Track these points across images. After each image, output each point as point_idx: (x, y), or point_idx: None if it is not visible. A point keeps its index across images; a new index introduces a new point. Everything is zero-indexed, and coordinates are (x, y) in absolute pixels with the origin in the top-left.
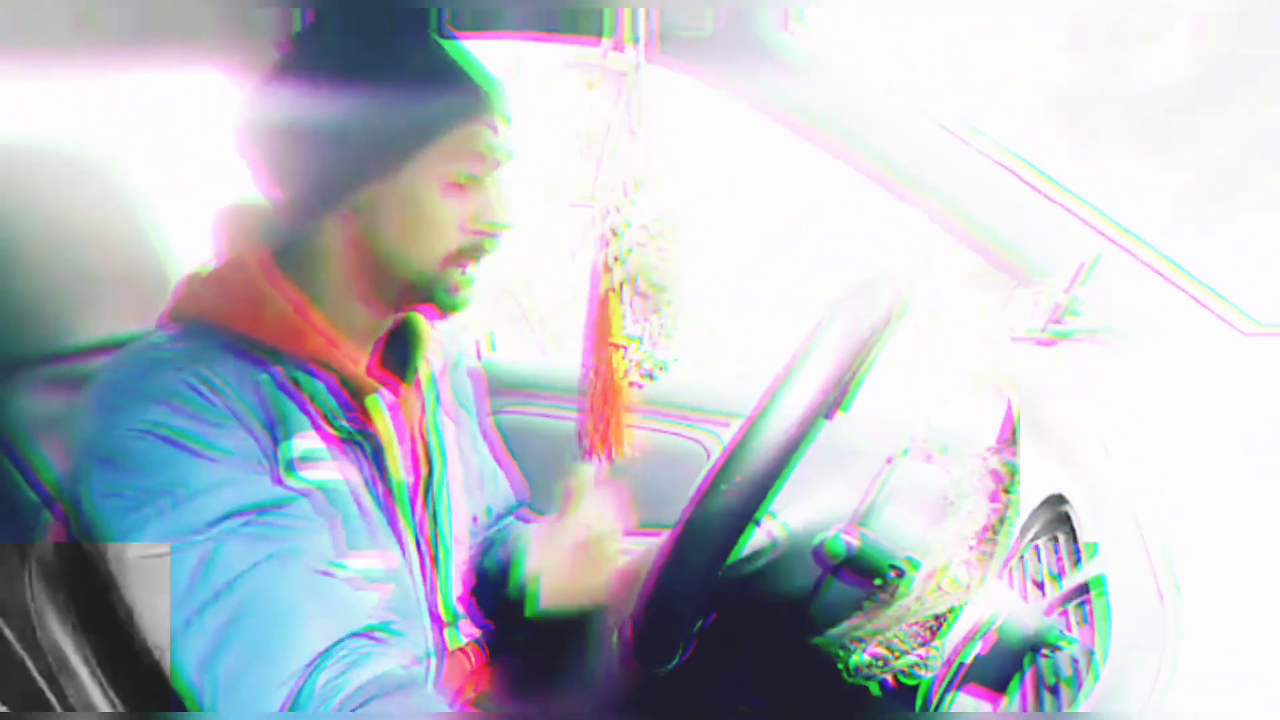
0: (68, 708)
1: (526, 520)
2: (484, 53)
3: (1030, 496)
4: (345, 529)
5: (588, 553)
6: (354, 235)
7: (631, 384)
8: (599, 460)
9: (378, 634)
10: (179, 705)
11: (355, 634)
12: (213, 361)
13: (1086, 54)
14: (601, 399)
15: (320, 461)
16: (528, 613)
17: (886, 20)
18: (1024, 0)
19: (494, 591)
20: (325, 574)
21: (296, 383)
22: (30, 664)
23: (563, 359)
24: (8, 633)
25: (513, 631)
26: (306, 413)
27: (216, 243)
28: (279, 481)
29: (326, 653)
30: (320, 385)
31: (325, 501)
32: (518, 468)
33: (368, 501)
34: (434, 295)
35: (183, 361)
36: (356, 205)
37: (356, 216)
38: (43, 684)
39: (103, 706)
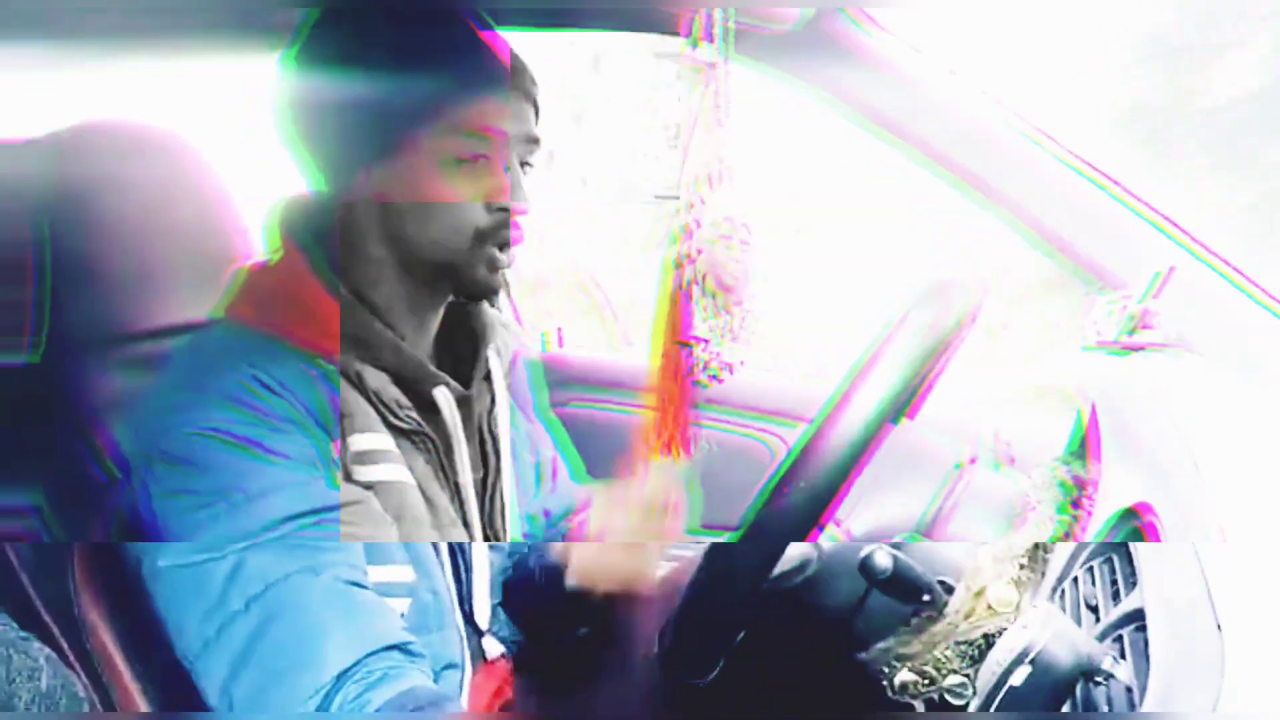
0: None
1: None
2: (523, 40)
3: (1104, 510)
4: (407, 525)
5: (645, 519)
6: (380, 219)
7: (696, 383)
8: (666, 457)
9: (399, 653)
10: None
11: (376, 652)
12: (273, 358)
13: (1160, 68)
14: (667, 397)
15: (384, 459)
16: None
17: (964, 28)
18: (1099, 14)
19: (533, 598)
20: (358, 585)
21: (359, 377)
22: (76, 666)
23: (631, 354)
24: (55, 630)
25: (549, 639)
26: (370, 408)
27: (268, 237)
28: (340, 480)
29: (349, 669)
30: (380, 378)
31: (384, 500)
32: (584, 465)
33: (431, 500)
34: (468, 277)
35: (243, 359)
36: (372, 187)
37: (377, 200)
38: (86, 683)
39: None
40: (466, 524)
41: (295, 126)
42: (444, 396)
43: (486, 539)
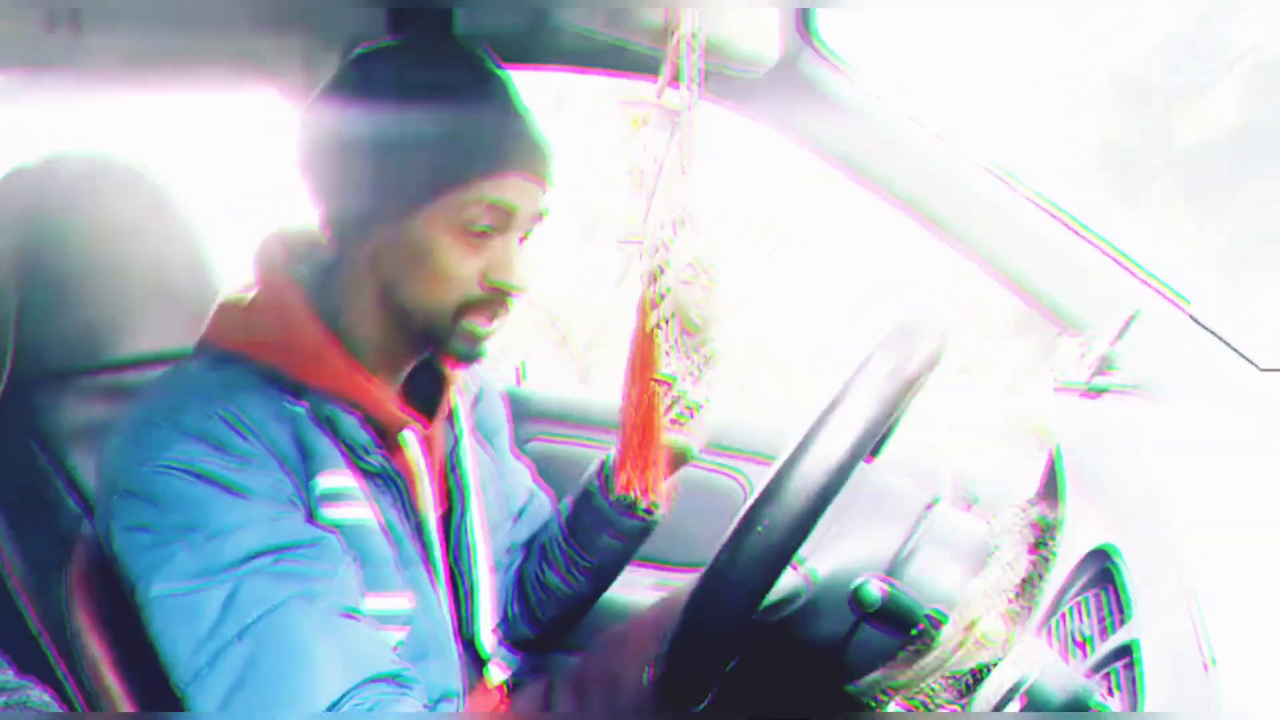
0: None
1: None
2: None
3: (1072, 551)
4: (371, 567)
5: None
6: (375, 272)
7: (672, 423)
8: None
9: (393, 681)
10: None
11: (370, 680)
12: (244, 395)
13: (1134, 108)
14: (639, 433)
15: (349, 499)
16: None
17: (933, 68)
18: (1073, 54)
19: (527, 622)
20: (348, 616)
21: (329, 419)
22: (69, 679)
23: (594, 390)
24: (44, 641)
25: (544, 663)
26: (337, 449)
27: (254, 270)
28: (309, 519)
29: (339, 700)
30: (350, 421)
31: (349, 540)
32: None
33: (395, 538)
34: (448, 346)
35: (214, 395)
36: (380, 237)
37: (375, 256)
38: (78, 699)
39: None
40: (431, 562)
41: (315, 167)
42: (410, 438)
43: (453, 576)
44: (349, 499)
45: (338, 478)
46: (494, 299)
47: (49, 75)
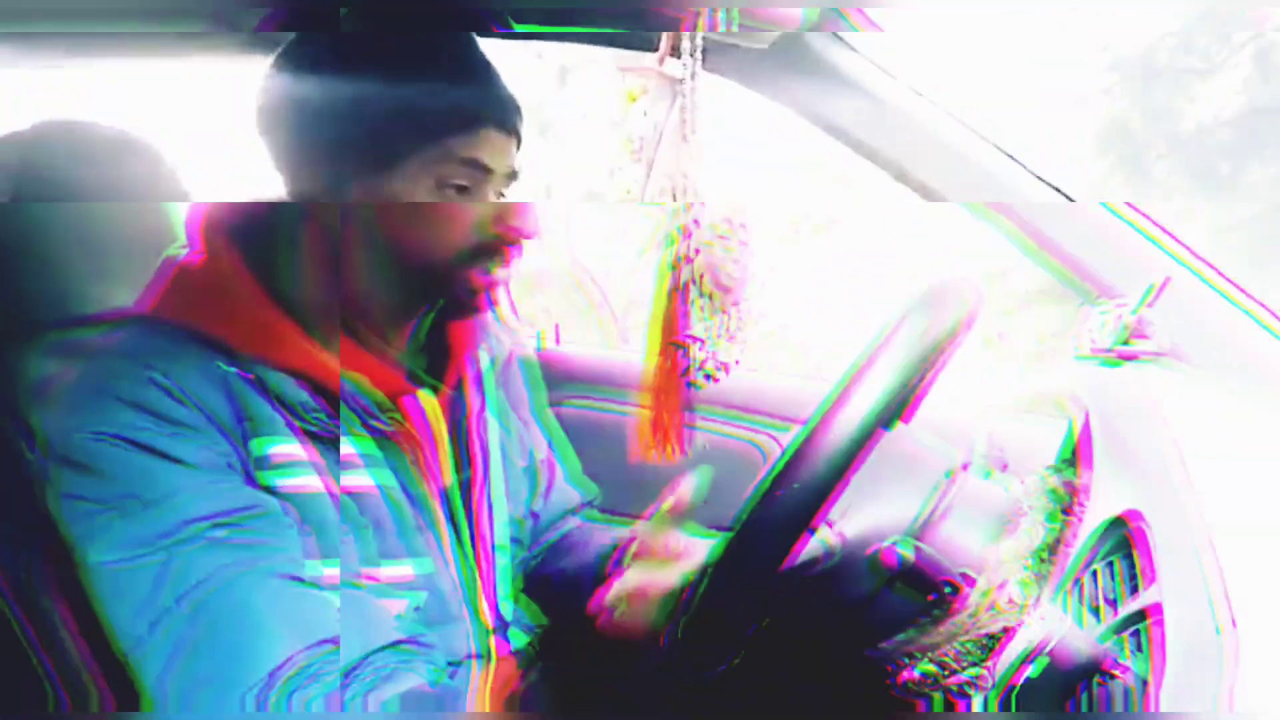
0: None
1: (589, 522)
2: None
3: (1093, 518)
4: (377, 535)
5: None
6: (372, 226)
7: (689, 384)
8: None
9: (405, 648)
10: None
11: (308, 648)
12: (179, 360)
13: (1141, 90)
14: (659, 397)
15: (290, 463)
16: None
17: (947, 49)
18: (1082, 36)
19: (549, 597)
20: (290, 579)
21: (263, 381)
22: (38, 647)
23: (628, 352)
24: (16, 613)
25: (564, 634)
26: (278, 412)
27: (192, 236)
28: (251, 484)
29: (280, 666)
30: (286, 382)
31: (294, 506)
32: (580, 465)
33: (407, 504)
34: (452, 297)
35: (149, 360)
36: (361, 197)
37: (355, 214)
38: (48, 666)
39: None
40: (441, 528)
41: (285, 129)
42: (416, 403)
43: (473, 543)
44: (290, 463)
45: (277, 441)
46: (486, 249)
47: (28, 41)
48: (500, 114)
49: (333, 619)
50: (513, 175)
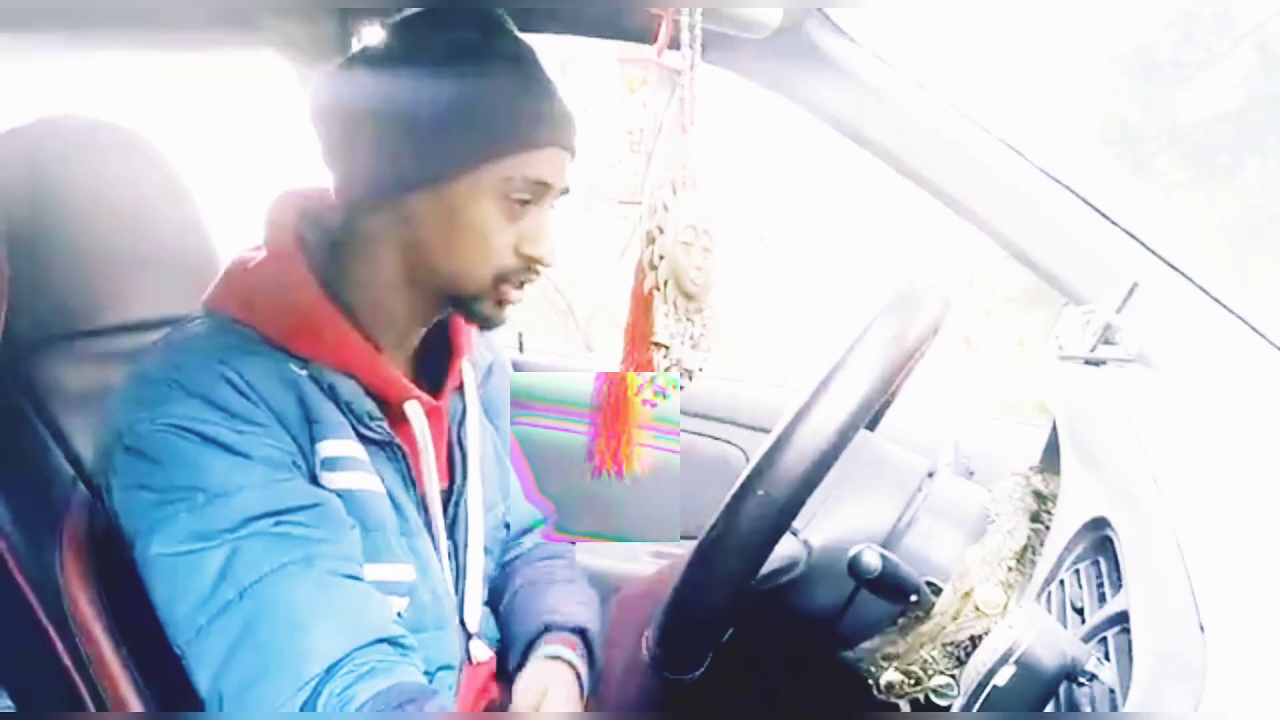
0: (96, 695)
1: (551, 538)
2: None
3: (1069, 521)
4: (373, 535)
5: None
6: (402, 239)
7: (644, 403)
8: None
9: (392, 644)
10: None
11: (364, 646)
12: (249, 358)
13: (1140, 83)
14: (613, 415)
15: (352, 467)
16: None
17: (943, 40)
18: (1080, 28)
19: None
20: (351, 577)
21: (331, 386)
22: (60, 644)
23: (592, 361)
24: (39, 611)
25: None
26: (342, 416)
27: (263, 231)
28: (312, 483)
29: (338, 662)
30: (352, 388)
31: (351, 508)
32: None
33: (396, 508)
34: (475, 310)
35: (219, 357)
36: (411, 205)
37: (406, 221)
38: (69, 663)
39: (132, 696)
40: (433, 534)
41: (341, 129)
42: (414, 410)
43: (453, 549)
44: (352, 466)
45: (341, 444)
46: (525, 269)
47: (46, 36)
48: (567, 134)
49: (388, 619)
50: (566, 190)
